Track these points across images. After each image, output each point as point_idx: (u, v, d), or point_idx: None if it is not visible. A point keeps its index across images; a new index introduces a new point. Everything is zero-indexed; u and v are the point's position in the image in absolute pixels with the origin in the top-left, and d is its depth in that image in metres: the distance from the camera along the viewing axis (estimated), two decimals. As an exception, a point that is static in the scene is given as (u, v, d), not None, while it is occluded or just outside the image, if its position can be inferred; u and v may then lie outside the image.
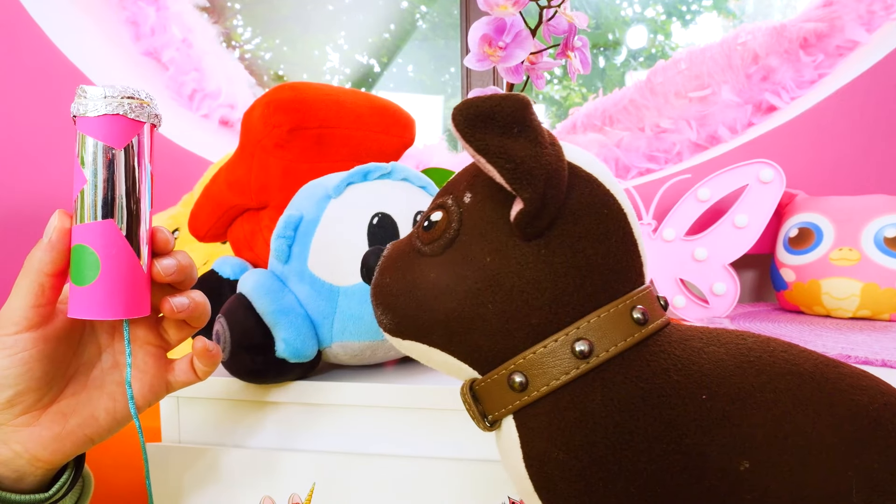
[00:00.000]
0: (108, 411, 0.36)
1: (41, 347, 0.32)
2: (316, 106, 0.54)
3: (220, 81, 1.19)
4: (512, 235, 0.27)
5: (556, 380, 0.27)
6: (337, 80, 1.56)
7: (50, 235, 0.32)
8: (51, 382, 0.34)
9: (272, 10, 1.51)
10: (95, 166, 0.31)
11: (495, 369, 0.29)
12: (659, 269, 0.72)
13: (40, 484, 0.35)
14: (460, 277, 0.28)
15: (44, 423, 0.34)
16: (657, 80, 0.99)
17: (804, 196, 0.78)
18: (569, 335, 0.27)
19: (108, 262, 0.31)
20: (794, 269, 0.73)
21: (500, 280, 0.27)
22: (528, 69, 0.63)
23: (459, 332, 0.28)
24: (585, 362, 0.27)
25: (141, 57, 1.17)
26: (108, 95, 0.31)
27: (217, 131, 1.18)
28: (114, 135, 0.31)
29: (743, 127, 0.96)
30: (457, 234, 0.29)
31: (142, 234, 0.33)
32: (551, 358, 0.27)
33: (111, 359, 0.37)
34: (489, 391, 0.29)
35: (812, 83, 0.94)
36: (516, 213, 0.26)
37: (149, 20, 1.15)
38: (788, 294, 0.75)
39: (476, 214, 0.29)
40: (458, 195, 0.30)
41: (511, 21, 0.57)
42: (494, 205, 0.28)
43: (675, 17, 1.50)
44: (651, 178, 0.94)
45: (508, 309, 0.27)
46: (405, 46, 1.59)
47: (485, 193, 0.29)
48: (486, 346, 0.28)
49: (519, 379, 0.28)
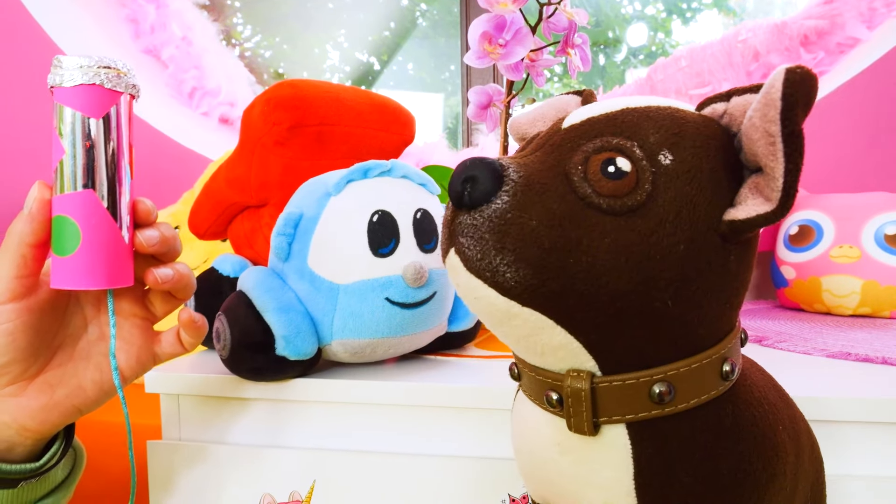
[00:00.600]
0: (95, 382, 0.37)
1: (25, 318, 0.33)
2: (316, 103, 0.54)
3: (219, 79, 1.19)
4: (711, 229, 0.23)
5: (701, 397, 0.25)
6: (337, 77, 1.56)
7: (30, 206, 0.32)
8: (36, 353, 0.34)
9: (272, 8, 1.51)
10: (73, 136, 0.31)
11: (634, 373, 0.25)
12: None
13: (30, 454, 0.36)
14: (646, 257, 0.23)
15: (31, 394, 0.34)
16: (658, 78, 0.99)
17: (804, 193, 0.78)
18: (720, 354, 0.25)
19: (88, 232, 0.32)
20: (794, 266, 0.73)
21: (688, 276, 0.23)
22: (528, 66, 0.63)
23: (616, 321, 0.24)
24: (725, 383, 0.25)
25: (141, 55, 1.17)
26: (84, 65, 0.31)
27: (217, 129, 1.18)
28: (91, 105, 0.31)
29: (743, 124, 0.96)
30: (649, 199, 0.23)
31: (122, 204, 0.33)
32: (704, 374, 0.25)
33: (97, 330, 0.37)
34: (617, 394, 0.25)
35: (812, 81, 0.94)
36: (758, 213, 0.22)
37: (148, 18, 1.15)
38: (789, 291, 0.75)
39: (676, 185, 0.23)
40: (650, 149, 0.23)
41: (511, 18, 0.56)
42: (705, 184, 0.23)
43: (675, 14, 1.50)
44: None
45: (685, 313, 0.24)
46: (405, 44, 1.59)
47: (694, 164, 0.23)
48: (639, 346, 0.24)
49: (662, 389, 0.24)
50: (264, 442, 0.48)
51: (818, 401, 0.38)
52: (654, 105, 0.25)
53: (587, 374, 0.25)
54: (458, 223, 0.24)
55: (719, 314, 0.25)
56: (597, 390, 0.25)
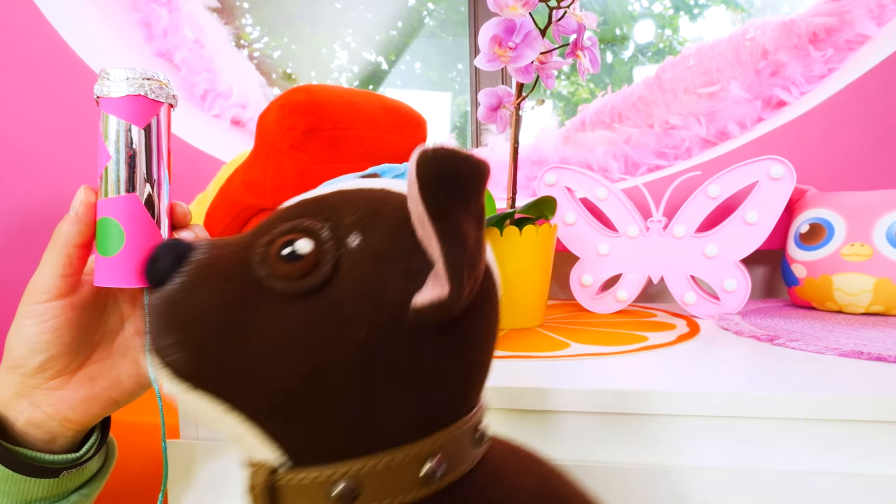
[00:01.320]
0: (133, 375, 0.38)
1: (69, 315, 0.35)
2: (330, 108, 0.54)
3: (231, 81, 1.20)
4: (398, 315, 0.22)
5: (394, 501, 0.22)
6: (345, 77, 1.57)
7: (76, 209, 0.34)
8: (79, 348, 0.36)
9: (280, 9, 1.52)
10: (118, 144, 0.33)
11: (318, 468, 0.23)
12: (670, 266, 0.72)
13: (70, 445, 0.38)
14: (320, 341, 0.21)
15: (73, 387, 0.36)
16: (666, 77, 0.99)
17: (815, 191, 0.78)
18: (422, 450, 0.23)
19: (131, 233, 0.33)
20: (805, 264, 0.73)
21: (370, 363, 0.22)
22: (537, 69, 0.63)
23: (293, 408, 0.22)
24: (428, 487, 0.23)
25: (153, 58, 1.18)
26: (129, 77, 0.33)
27: (229, 131, 1.19)
28: (135, 114, 0.33)
29: (752, 122, 0.96)
30: (327, 282, 0.22)
31: (162, 207, 0.35)
32: (397, 474, 0.22)
33: (133, 327, 0.39)
34: (299, 492, 0.23)
35: (822, 78, 0.94)
36: (432, 300, 0.21)
37: (161, 21, 1.16)
38: (800, 290, 0.75)
39: (361, 268, 0.22)
40: (341, 231, 0.22)
41: (520, 22, 0.57)
42: (389, 268, 0.22)
43: (682, 10, 1.50)
44: (661, 175, 0.94)
45: (370, 402, 0.22)
46: (413, 43, 1.59)
47: (381, 247, 0.22)
48: (325, 438, 0.22)
49: (345, 488, 0.22)
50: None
51: (831, 400, 0.39)
52: (368, 188, 0.25)
53: (265, 468, 0.24)
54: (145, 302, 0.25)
55: (425, 404, 0.23)
56: (277, 487, 0.23)
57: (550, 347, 0.55)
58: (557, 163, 0.98)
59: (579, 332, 0.62)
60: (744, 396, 0.40)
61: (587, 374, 0.46)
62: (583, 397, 0.42)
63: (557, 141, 1.05)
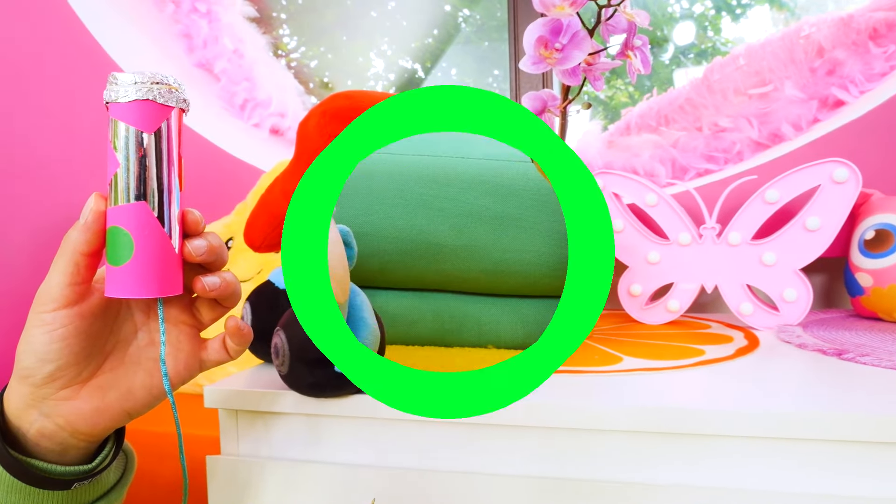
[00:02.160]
0: (145, 386, 0.37)
1: (78, 324, 0.34)
2: (371, 114, 0.53)
3: (270, 90, 1.20)
4: None
5: None
6: (381, 85, 1.56)
7: (86, 217, 0.33)
8: (89, 358, 0.36)
9: (317, 19, 1.52)
10: (128, 150, 0.32)
11: None
12: (724, 275, 0.69)
13: (83, 457, 0.37)
14: None
15: (84, 397, 0.35)
16: (714, 78, 0.96)
17: (880, 195, 0.73)
18: None
19: (141, 242, 0.33)
20: (871, 273, 0.69)
21: None
22: (585, 70, 0.61)
23: None
24: None
25: (194, 69, 1.19)
26: (138, 81, 0.32)
27: (268, 140, 1.19)
28: (144, 119, 0.32)
29: (808, 124, 0.92)
30: None
31: (173, 215, 0.34)
32: None
33: (147, 336, 0.38)
34: None
35: (883, 76, 0.89)
36: None
37: (201, 32, 1.17)
38: (865, 300, 0.70)
39: None
40: None
41: (568, 22, 0.55)
42: None
43: (724, 11, 1.46)
44: (713, 180, 0.90)
45: None
46: (448, 50, 1.58)
47: None
48: None
49: None
50: (322, 458, 0.47)
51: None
52: None
53: None
54: None
55: None
56: None
57: (602, 362, 0.52)
58: (602, 168, 0.95)
59: (632, 344, 0.60)
60: (814, 416, 0.37)
61: (639, 390, 0.43)
62: (638, 414, 0.39)
63: (601, 145, 1.02)
